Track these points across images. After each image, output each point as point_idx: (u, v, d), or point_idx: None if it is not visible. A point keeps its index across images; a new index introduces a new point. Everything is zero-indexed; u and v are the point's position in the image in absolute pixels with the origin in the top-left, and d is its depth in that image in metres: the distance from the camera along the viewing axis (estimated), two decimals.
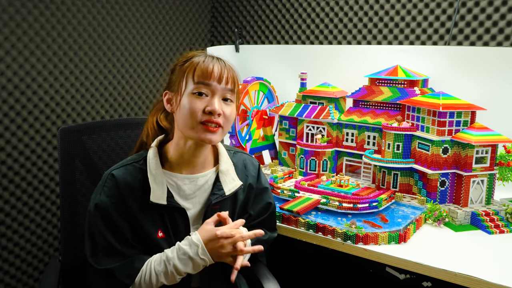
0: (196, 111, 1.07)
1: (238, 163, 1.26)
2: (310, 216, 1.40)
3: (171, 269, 1.06)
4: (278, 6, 2.33)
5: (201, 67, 1.09)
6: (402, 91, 1.67)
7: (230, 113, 1.12)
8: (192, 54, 1.15)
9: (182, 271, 1.06)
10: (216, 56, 1.15)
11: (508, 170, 1.45)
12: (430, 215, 1.41)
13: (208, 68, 1.09)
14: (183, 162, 1.16)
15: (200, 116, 1.07)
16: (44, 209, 1.91)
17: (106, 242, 1.09)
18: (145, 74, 2.23)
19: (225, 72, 1.10)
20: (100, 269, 1.07)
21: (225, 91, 1.11)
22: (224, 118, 1.10)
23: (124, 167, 1.14)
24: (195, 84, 1.08)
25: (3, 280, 1.83)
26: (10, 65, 1.73)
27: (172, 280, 1.08)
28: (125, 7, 2.10)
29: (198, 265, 1.06)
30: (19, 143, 1.80)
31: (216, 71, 1.09)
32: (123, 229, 1.10)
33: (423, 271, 1.16)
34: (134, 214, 1.11)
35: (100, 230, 1.09)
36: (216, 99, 1.09)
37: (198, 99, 1.08)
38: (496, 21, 1.77)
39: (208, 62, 1.10)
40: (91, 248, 1.09)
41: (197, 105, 1.08)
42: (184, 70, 1.11)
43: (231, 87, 1.11)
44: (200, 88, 1.08)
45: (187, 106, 1.08)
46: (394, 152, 1.56)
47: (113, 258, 1.09)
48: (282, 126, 1.92)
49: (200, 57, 1.12)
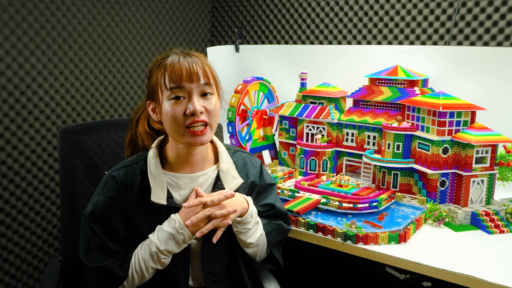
0: (177, 116, 1.07)
1: (238, 161, 1.26)
2: (310, 216, 1.40)
3: (154, 250, 1.07)
4: (278, 6, 2.33)
5: (169, 70, 1.07)
6: (402, 91, 1.67)
7: (213, 107, 1.10)
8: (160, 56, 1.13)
9: (164, 250, 1.07)
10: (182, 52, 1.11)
11: (508, 170, 1.45)
12: (430, 215, 1.41)
13: (176, 70, 1.07)
14: (181, 162, 1.16)
15: (183, 120, 1.07)
16: (44, 209, 1.91)
17: (101, 241, 1.10)
18: (145, 74, 2.23)
19: (195, 68, 1.07)
20: (94, 268, 1.08)
21: (201, 87, 1.09)
22: (208, 114, 1.09)
23: (124, 168, 1.16)
24: (169, 90, 1.07)
25: (3, 280, 1.83)
26: (10, 65, 1.73)
27: (159, 261, 1.09)
28: (125, 7, 2.10)
29: (178, 240, 1.08)
30: (19, 143, 1.80)
31: (185, 71, 1.06)
32: (119, 231, 1.11)
33: (423, 271, 1.16)
34: (133, 214, 1.12)
35: (95, 230, 1.10)
36: (195, 99, 1.07)
37: (177, 104, 1.07)
38: (496, 21, 1.77)
39: (175, 63, 1.07)
40: (84, 249, 1.10)
41: (177, 111, 1.07)
42: (156, 77, 1.10)
43: (205, 80, 1.09)
44: (175, 93, 1.07)
45: (169, 113, 1.08)
46: (394, 152, 1.56)
47: (106, 255, 1.10)
48: (282, 126, 1.92)
49: (167, 59, 1.10)
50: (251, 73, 2.22)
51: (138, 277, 1.10)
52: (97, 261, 1.09)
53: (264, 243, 1.22)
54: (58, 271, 1.33)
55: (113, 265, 1.09)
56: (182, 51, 1.12)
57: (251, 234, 1.17)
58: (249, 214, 1.15)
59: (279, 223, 1.27)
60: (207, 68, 1.11)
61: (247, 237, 1.17)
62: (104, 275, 1.09)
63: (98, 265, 1.08)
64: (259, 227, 1.20)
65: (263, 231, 1.21)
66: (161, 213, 1.12)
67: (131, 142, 1.24)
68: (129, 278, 1.10)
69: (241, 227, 1.15)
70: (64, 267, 1.36)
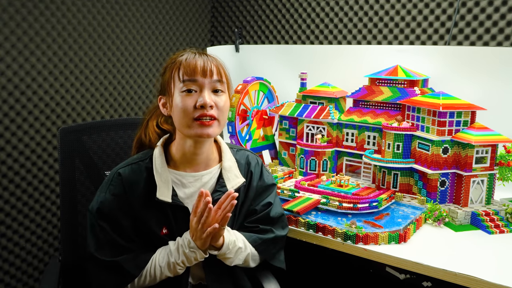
0: (188, 108, 1.09)
1: (241, 160, 1.27)
2: (310, 216, 1.40)
3: (172, 260, 1.10)
4: (278, 6, 2.33)
5: (184, 65, 1.11)
6: (402, 91, 1.67)
7: (223, 104, 1.13)
8: (176, 55, 1.16)
9: (181, 264, 1.10)
10: (198, 51, 1.15)
11: (508, 170, 1.45)
12: (430, 215, 1.41)
13: (190, 64, 1.10)
14: (186, 160, 1.17)
15: (192, 112, 1.09)
16: (44, 209, 1.91)
17: (111, 238, 1.11)
18: (145, 74, 2.23)
19: (209, 65, 1.11)
20: (107, 261, 1.10)
21: (214, 83, 1.12)
22: (218, 110, 1.11)
23: (130, 166, 1.17)
24: (182, 82, 1.10)
25: (3, 280, 1.83)
26: (10, 65, 1.73)
27: (174, 272, 1.11)
28: (125, 7, 2.10)
29: (189, 257, 1.09)
30: (19, 143, 1.80)
31: (200, 66, 1.10)
32: (127, 227, 1.13)
33: (423, 271, 1.16)
34: (139, 212, 1.13)
35: (103, 227, 1.11)
36: (206, 93, 1.10)
37: (188, 97, 1.10)
38: (496, 21, 1.77)
39: (190, 59, 1.11)
40: (96, 244, 1.11)
41: (188, 102, 1.09)
42: (170, 72, 1.13)
43: (218, 77, 1.12)
44: (188, 86, 1.10)
45: (179, 105, 1.10)
46: (394, 152, 1.56)
47: (119, 251, 1.11)
48: (282, 126, 1.92)
49: (182, 56, 1.14)
50: (251, 73, 2.22)
51: (150, 280, 1.12)
52: (111, 255, 1.10)
53: (255, 259, 1.22)
54: (58, 271, 1.33)
55: (126, 261, 1.10)
56: (197, 50, 1.16)
57: (233, 260, 1.16)
58: (225, 247, 1.13)
59: (273, 237, 1.23)
60: (221, 68, 1.14)
61: (231, 262, 1.16)
62: (115, 270, 1.10)
63: (111, 259, 1.10)
64: (244, 250, 1.18)
65: (250, 251, 1.19)
66: (166, 210, 1.14)
67: (139, 140, 1.25)
68: (141, 279, 1.12)
69: (220, 257, 1.15)
70: (64, 267, 1.36)
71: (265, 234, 1.23)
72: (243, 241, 1.18)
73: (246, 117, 1.92)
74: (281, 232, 1.26)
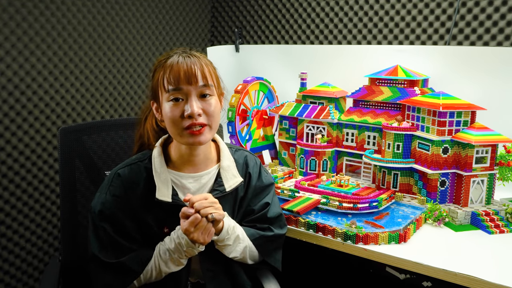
0: (176, 118, 1.08)
1: (240, 159, 1.26)
2: (310, 216, 1.40)
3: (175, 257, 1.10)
4: (278, 6, 2.33)
5: (168, 73, 1.08)
6: (402, 91, 1.67)
7: (212, 108, 1.10)
8: (162, 57, 1.13)
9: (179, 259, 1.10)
10: (184, 52, 1.11)
11: (508, 170, 1.45)
12: (430, 215, 1.41)
13: (174, 73, 1.07)
14: (184, 161, 1.17)
15: (181, 122, 1.08)
16: (44, 209, 1.91)
17: (114, 240, 1.11)
18: (145, 74, 2.23)
19: (193, 70, 1.07)
20: (112, 263, 1.09)
21: (200, 89, 1.09)
22: (207, 115, 1.10)
23: (129, 166, 1.17)
24: (168, 92, 1.08)
25: (3, 280, 1.83)
26: (10, 65, 1.73)
27: (178, 263, 1.11)
28: (125, 7, 2.10)
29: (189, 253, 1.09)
30: (19, 143, 1.80)
31: (183, 73, 1.07)
32: (128, 227, 1.12)
33: (423, 271, 1.16)
34: (139, 212, 1.13)
35: (106, 229, 1.11)
36: (193, 100, 1.07)
37: (175, 106, 1.08)
38: (496, 21, 1.77)
39: (173, 66, 1.08)
40: (99, 245, 1.11)
41: (175, 113, 1.08)
42: (157, 77, 1.11)
43: (204, 82, 1.09)
44: (174, 95, 1.08)
45: (168, 115, 1.09)
46: (394, 152, 1.56)
47: (122, 252, 1.11)
48: (282, 126, 1.92)
49: (169, 60, 1.10)
50: (251, 73, 2.22)
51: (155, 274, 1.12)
52: (115, 256, 1.10)
53: (253, 254, 1.21)
54: (58, 271, 1.33)
55: (130, 260, 1.10)
56: (183, 51, 1.12)
57: (232, 249, 1.16)
58: (225, 231, 1.13)
59: (271, 234, 1.23)
60: (206, 69, 1.10)
61: (229, 252, 1.16)
62: (120, 271, 1.10)
63: (116, 261, 1.09)
64: (242, 241, 1.17)
65: (248, 244, 1.19)
66: (166, 210, 1.13)
67: (140, 138, 1.25)
68: (147, 275, 1.12)
69: (220, 244, 1.14)
70: (64, 267, 1.36)
71: (263, 231, 1.23)
72: (242, 232, 1.19)
73: (246, 117, 1.92)
74: (280, 231, 1.26)
